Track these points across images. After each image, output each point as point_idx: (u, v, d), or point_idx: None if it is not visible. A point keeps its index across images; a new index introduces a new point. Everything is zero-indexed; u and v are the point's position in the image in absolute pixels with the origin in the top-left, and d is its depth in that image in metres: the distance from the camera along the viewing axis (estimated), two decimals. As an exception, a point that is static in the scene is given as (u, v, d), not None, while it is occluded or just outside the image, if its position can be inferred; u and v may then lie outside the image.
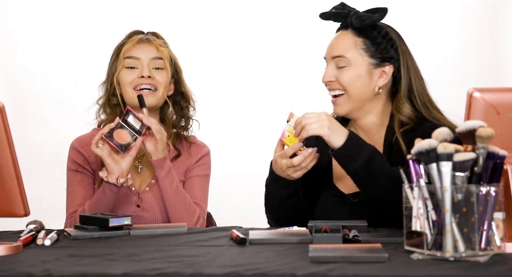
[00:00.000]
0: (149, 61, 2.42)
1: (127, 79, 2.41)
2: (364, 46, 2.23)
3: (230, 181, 3.72)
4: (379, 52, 2.23)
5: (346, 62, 2.22)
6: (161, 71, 2.43)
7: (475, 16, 3.95)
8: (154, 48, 2.44)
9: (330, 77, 2.24)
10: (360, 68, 2.22)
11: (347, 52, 2.23)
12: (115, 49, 2.49)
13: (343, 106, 2.24)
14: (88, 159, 2.43)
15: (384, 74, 2.24)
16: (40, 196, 2.67)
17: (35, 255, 1.76)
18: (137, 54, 2.43)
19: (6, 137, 1.82)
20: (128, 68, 2.43)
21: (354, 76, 2.22)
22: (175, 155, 2.47)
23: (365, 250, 1.64)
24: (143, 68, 2.41)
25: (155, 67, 2.43)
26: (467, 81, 3.64)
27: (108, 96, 2.47)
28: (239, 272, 1.52)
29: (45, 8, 3.99)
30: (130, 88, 2.41)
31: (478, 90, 1.76)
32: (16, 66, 4.01)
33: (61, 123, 3.79)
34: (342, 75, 2.23)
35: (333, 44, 2.27)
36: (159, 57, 2.43)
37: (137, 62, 2.42)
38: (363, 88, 2.23)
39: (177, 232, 2.07)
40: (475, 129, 1.62)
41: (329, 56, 2.26)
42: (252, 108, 3.99)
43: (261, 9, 4.00)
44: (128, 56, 2.43)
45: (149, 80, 2.40)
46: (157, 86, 2.42)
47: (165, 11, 3.99)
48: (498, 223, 1.61)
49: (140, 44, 2.44)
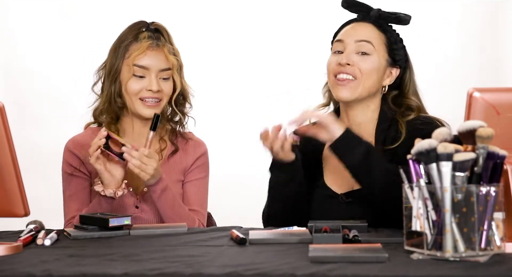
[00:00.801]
0: (158, 72, 2.37)
1: (135, 88, 2.36)
2: (386, 42, 2.24)
3: (230, 181, 3.73)
4: (393, 53, 2.25)
5: (371, 49, 2.22)
6: (167, 81, 2.39)
7: (475, 16, 3.95)
8: (164, 57, 2.37)
9: (349, 60, 2.20)
10: (380, 61, 2.23)
11: (373, 40, 2.23)
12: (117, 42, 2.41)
13: (353, 91, 2.21)
14: (84, 160, 2.40)
15: (390, 75, 2.26)
16: (40, 196, 2.67)
17: (35, 255, 1.76)
18: (147, 64, 2.36)
19: (6, 138, 1.81)
20: (135, 76, 2.37)
21: (375, 67, 2.22)
22: (172, 150, 2.45)
23: (365, 250, 1.64)
24: (152, 81, 2.35)
25: (162, 77, 2.38)
26: (467, 81, 3.64)
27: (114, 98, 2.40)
28: (239, 272, 1.52)
29: (45, 8, 4.00)
30: (136, 99, 2.37)
31: (478, 90, 1.76)
32: (16, 66, 4.01)
33: (61, 123, 3.79)
34: (364, 61, 2.21)
35: (357, 29, 2.25)
36: (168, 68, 2.38)
37: (145, 71, 2.36)
38: (376, 82, 2.23)
39: (177, 232, 2.06)
40: (475, 129, 1.62)
41: (353, 39, 2.22)
42: (252, 108, 3.99)
43: (262, 8, 4.00)
44: (137, 65, 2.36)
45: (156, 94, 2.37)
46: (163, 98, 2.39)
47: (167, 10, 3.99)
48: (498, 223, 1.61)
49: (150, 51, 2.37)
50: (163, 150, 2.44)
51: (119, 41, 2.42)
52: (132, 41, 2.39)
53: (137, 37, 2.39)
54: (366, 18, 2.27)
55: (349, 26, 2.28)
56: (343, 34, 2.26)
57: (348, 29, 2.27)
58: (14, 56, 4.01)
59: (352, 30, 2.26)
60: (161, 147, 2.44)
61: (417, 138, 1.66)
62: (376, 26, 2.26)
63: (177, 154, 2.45)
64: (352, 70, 2.20)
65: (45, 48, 3.99)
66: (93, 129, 2.46)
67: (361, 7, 2.28)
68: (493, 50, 3.96)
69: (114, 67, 2.40)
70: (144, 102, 2.37)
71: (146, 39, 2.38)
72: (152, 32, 2.41)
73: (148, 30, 2.41)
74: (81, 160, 2.41)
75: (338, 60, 2.22)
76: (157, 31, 2.42)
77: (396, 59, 2.26)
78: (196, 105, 2.52)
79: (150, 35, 2.40)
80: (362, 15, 2.28)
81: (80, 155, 2.41)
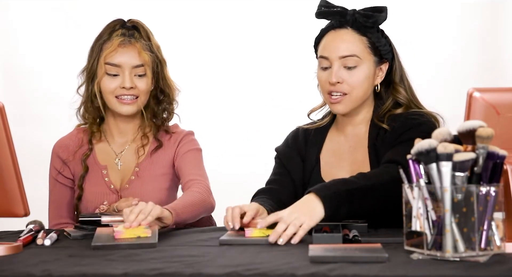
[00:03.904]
0: (131, 69, 2.36)
1: (109, 87, 2.36)
2: (369, 45, 2.23)
3: (230, 181, 3.72)
4: (379, 50, 2.24)
5: (357, 61, 2.20)
6: (142, 78, 2.38)
7: (475, 16, 3.95)
8: (136, 54, 2.36)
9: (339, 78, 2.20)
10: (368, 68, 2.22)
11: (357, 51, 2.21)
12: (94, 42, 2.42)
13: (347, 105, 2.23)
14: (67, 162, 2.44)
15: (380, 72, 2.27)
16: (40, 196, 2.66)
17: (35, 255, 1.76)
18: (119, 61, 2.36)
19: (6, 138, 1.82)
20: (109, 75, 2.37)
21: (363, 77, 2.22)
22: (156, 146, 2.45)
23: (365, 250, 1.64)
24: (125, 78, 2.35)
25: (136, 74, 2.37)
26: (467, 81, 3.64)
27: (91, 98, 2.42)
28: (239, 272, 1.52)
29: (46, 8, 3.99)
30: (112, 97, 2.37)
31: (478, 90, 1.76)
32: (16, 66, 4.01)
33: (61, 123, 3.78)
34: (352, 76, 2.20)
35: (337, 42, 2.22)
36: (141, 64, 2.37)
37: (119, 69, 2.36)
38: (369, 88, 2.25)
39: (177, 232, 2.06)
40: (475, 129, 1.62)
41: (336, 55, 2.21)
42: (252, 108, 3.99)
43: (259, 7, 4.00)
44: (109, 63, 2.36)
45: (131, 91, 2.36)
46: (139, 95, 2.38)
47: (167, 10, 3.98)
48: (498, 223, 1.61)
49: (122, 48, 2.36)
50: (145, 145, 2.44)
51: (95, 41, 2.43)
52: (106, 40, 2.40)
53: (110, 35, 2.40)
54: (344, 23, 2.23)
55: (330, 37, 2.24)
56: (326, 49, 2.23)
57: (330, 43, 2.23)
58: (14, 56, 4.01)
59: (333, 43, 2.22)
60: (143, 142, 2.45)
61: (417, 138, 1.67)
62: (355, 29, 2.22)
63: (162, 149, 2.45)
64: (343, 88, 2.21)
65: (46, 48, 3.99)
66: (79, 129, 2.51)
67: (335, 14, 2.23)
68: (493, 50, 3.96)
69: (90, 67, 2.41)
70: (120, 100, 2.37)
71: (118, 36, 2.39)
72: (126, 30, 2.41)
73: (124, 27, 2.41)
74: (63, 161, 2.44)
75: (327, 78, 2.22)
76: (133, 28, 2.42)
77: (382, 55, 2.26)
78: (196, 105, 2.53)
79: (124, 32, 2.40)
80: (339, 21, 2.24)
81: (64, 156, 2.44)
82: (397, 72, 2.29)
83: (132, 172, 2.42)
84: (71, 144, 2.46)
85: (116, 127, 2.45)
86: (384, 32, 2.28)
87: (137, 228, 1.92)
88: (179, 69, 4.01)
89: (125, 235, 1.88)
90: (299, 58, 3.66)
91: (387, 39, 2.28)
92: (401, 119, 2.21)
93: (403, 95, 2.27)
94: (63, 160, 2.45)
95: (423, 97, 2.34)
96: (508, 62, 3.92)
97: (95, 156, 2.44)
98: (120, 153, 2.45)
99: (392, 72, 2.29)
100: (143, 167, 2.42)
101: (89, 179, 2.42)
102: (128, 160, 2.44)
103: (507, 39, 3.94)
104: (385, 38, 2.27)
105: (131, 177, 2.41)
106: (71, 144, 2.46)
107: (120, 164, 2.44)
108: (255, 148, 3.81)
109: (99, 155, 2.45)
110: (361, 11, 2.23)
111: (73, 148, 2.45)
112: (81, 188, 2.41)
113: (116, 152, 2.45)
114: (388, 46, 2.27)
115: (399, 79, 2.29)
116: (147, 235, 1.88)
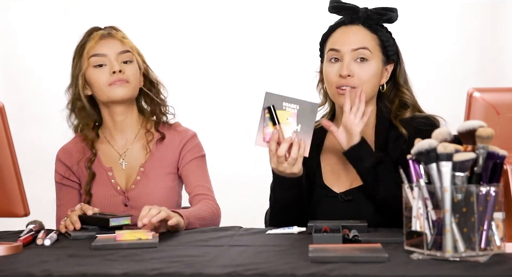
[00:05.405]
0: (117, 56, 2.38)
1: (101, 78, 2.37)
2: (379, 43, 2.23)
3: (230, 181, 3.72)
4: (387, 51, 2.24)
5: (369, 55, 2.19)
6: (130, 64, 2.40)
7: (475, 16, 3.95)
8: (119, 42, 2.40)
9: (350, 72, 2.18)
10: (377, 64, 2.22)
11: (369, 45, 2.21)
12: (76, 49, 2.45)
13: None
14: (72, 168, 2.44)
15: (386, 72, 2.26)
16: (40, 196, 2.67)
17: (35, 255, 1.76)
18: (103, 51, 2.38)
19: (6, 138, 1.82)
20: (96, 67, 2.38)
21: (374, 73, 2.21)
22: (159, 138, 2.45)
23: (365, 250, 1.64)
24: (113, 64, 2.37)
25: (123, 61, 2.39)
26: (467, 81, 3.64)
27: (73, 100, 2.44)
28: (239, 272, 1.52)
29: (45, 8, 3.99)
30: (105, 87, 2.37)
31: (478, 90, 1.76)
32: (16, 66, 4.01)
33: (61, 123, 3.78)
34: (363, 69, 2.19)
35: (350, 36, 2.21)
36: (126, 50, 2.40)
37: (105, 59, 2.38)
38: (375, 86, 2.24)
39: (177, 232, 2.06)
40: (475, 129, 1.62)
41: (349, 47, 2.19)
42: (253, 108, 3.98)
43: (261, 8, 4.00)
44: (94, 54, 2.38)
45: (121, 76, 2.36)
46: (129, 79, 2.39)
47: (166, 10, 3.98)
48: (498, 223, 1.61)
49: (104, 40, 2.40)
50: (150, 141, 2.45)
51: (75, 48, 2.46)
52: (86, 41, 2.43)
53: (90, 36, 2.43)
54: (355, 20, 2.24)
55: (340, 32, 2.24)
56: (337, 42, 2.22)
57: (341, 36, 2.23)
58: (14, 56, 4.00)
59: (345, 37, 2.22)
60: (147, 139, 2.45)
61: (417, 138, 1.66)
62: (366, 27, 2.23)
63: (164, 145, 2.45)
64: (353, 81, 2.18)
65: (46, 49, 3.99)
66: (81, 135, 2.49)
67: (348, 9, 2.24)
68: (493, 50, 3.96)
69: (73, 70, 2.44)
70: (112, 86, 2.37)
71: (98, 34, 2.42)
72: (104, 30, 2.44)
73: (101, 29, 2.45)
74: (68, 168, 2.44)
75: (338, 71, 2.19)
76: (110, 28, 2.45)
77: (389, 55, 2.26)
78: (196, 105, 2.53)
79: (102, 32, 2.43)
80: (351, 17, 2.24)
81: (68, 163, 2.45)
82: (402, 75, 2.29)
83: (138, 171, 2.42)
84: (74, 150, 2.45)
85: (114, 125, 2.44)
86: (392, 33, 2.28)
87: (139, 231, 1.92)
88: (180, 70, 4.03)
89: (126, 237, 1.88)
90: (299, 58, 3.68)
91: (394, 41, 2.28)
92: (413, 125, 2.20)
93: (409, 97, 2.28)
94: (67, 167, 2.45)
95: (423, 98, 2.34)
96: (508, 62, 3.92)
97: (99, 158, 2.44)
98: (124, 152, 2.44)
99: (396, 74, 2.29)
100: (148, 166, 2.42)
101: (96, 182, 2.42)
102: (132, 158, 2.43)
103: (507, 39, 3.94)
104: (392, 39, 2.27)
105: (137, 177, 2.41)
106: (74, 150, 2.45)
107: (125, 163, 2.44)
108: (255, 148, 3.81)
109: (103, 157, 2.44)
110: (372, 9, 2.24)
111: (77, 154, 2.45)
112: (89, 193, 2.40)
113: (119, 152, 2.44)
114: (395, 47, 2.27)
115: (403, 82, 2.29)
116: (147, 238, 1.89)
